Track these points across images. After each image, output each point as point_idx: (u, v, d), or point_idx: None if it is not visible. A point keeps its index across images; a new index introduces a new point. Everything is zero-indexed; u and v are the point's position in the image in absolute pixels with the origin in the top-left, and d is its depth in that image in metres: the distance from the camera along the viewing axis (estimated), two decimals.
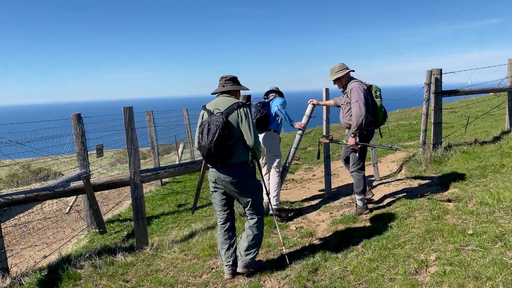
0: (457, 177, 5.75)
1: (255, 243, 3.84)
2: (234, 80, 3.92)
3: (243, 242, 3.86)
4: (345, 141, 5.14)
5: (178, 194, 8.16)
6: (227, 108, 3.64)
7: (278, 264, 4.03)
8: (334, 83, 5.22)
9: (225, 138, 3.49)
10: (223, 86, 3.86)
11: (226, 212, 3.92)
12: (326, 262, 3.92)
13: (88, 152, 6.43)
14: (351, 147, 5.02)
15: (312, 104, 5.78)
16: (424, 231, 4.11)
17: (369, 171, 7.27)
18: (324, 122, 6.24)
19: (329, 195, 6.24)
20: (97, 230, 5.27)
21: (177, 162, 10.66)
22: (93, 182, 4.64)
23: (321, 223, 5.18)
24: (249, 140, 3.63)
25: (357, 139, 4.95)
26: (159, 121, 10.63)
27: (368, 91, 4.98)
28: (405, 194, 5.62)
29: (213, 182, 3.78)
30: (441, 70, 6.82)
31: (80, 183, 4.57)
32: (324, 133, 6.31)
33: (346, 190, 6.62)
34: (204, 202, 7.22)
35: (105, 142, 7.18)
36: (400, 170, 7.02)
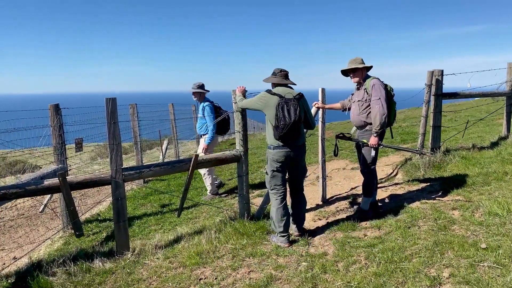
0: (459, 183, 5.48)
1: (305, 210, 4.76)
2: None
3: (299, 211, 4.60)
4: (365, 140, 4.81)
5: (162, 194, 7.72)
6: (296, 95, 4.29)
7: (274, 276, 3.66)
8: (351, 76, 4.87)
9: (301, 118, 4.19)
10: (286, 79, 4.48)
11: (284, 188, 4.50)
12: (326, 275, 3.56)
13: (67, 146, 5.94)
14: (372, 147, 4.71)
15: (317, 107, 5.42)
16: (432, 243, 3.80)
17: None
18: (320, 123, 5.89)
19: (324, 200, 5.89)
20: (74, 232, 4.81)
21: (160, 159, 10.20)
22: (70, 180, 4.18)
23: (318, 230, 4.83)
24: (313, 124, 4.61)
25: (380, 139, 4.71)
26: (143, 115, 10.16)
27: (385, 89, 4.69)
28: (405, 200, 5.31)
29: (280, 162, 4.32)
30: (442, 71, 6.55)
31: (55, 180, 4.11)
32: (320, 134, 5.97)
33: (341, 194, 6.29)
34: (190, 203, 6.80)
35: (86, 135, 6.69)
36: (396, 175, 6.72)
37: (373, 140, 4.71)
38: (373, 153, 4.79)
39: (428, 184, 5.83)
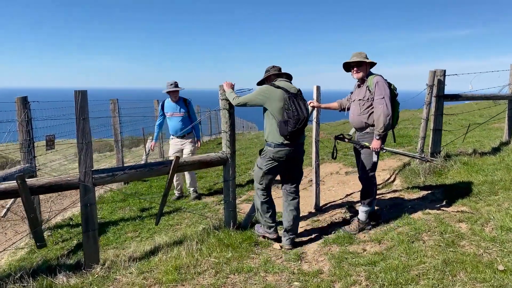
0: (463, 192, 5.07)
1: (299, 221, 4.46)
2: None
3: (292, 221, 4.27)
4: (366, 143, 4.35)
5: (142, 196, 7.19)
6: (298, 90, 4.11)
7: None
8: (354, 71, 4.41)
9: (309, 114, 4.09)
10: (285, 73, 4.30)
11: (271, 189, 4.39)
12: None
13: (36, 144, 5.39)
14: (374, 151, 4.26)
15: (312, 106, 4.95)
16: (441, 262, 3.36)
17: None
18: (315, 124, 5.43)
19: (318, 207, 5.43)
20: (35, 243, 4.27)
21: (143, 158, 9.65)
22: (31, 183, 3.65)
23: (311, 242, 4.36)
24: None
25: (382, 142, 4.28)
26: (126, 111, 9.59)
27: (389, 88, 4.25)
28: (406, 209, 4.87)
29: (278, 161, 4.11)
30: (444, 71, 6.15)
31: (12, 184, 3.58)
32: (314, 136, 5.51)
33: (335, 200, 5.84)
34: (170, 208, 6.29)
35: (60, 132, 6.13)
36: (394, 181, 6.29)
37: (375, 144, 4.26)
38: (374, 157, 4.35)
39: (430, 192, 5.40)
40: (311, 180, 7.06)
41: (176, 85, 6.55)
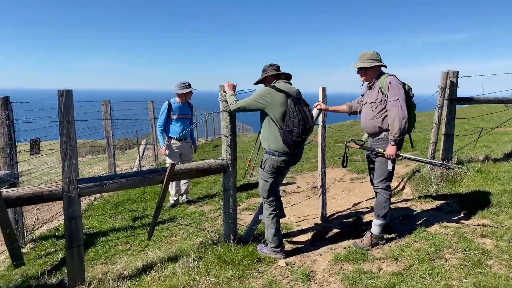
0: (481, 203, 4.71)
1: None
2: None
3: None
4: (380, 150, 3.96)
5: (135, 203, 6.76)
6: (299, 93, 3.79)
7: None
8: (358, 73, 4.09)
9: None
10: (283, 73, 3.97)
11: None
12: None
13: (19, 148, 4.96)
14: (389, 158, 3.88)
15: (319, 109, 4.57)
16: (471, 287, 2.97)
17: (364, 186, 6.17)
18: (321, 128, 5.04)
19: (324, 218, 5.03)
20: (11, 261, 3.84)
21: (137, 162, 9.22)
22: (6, 194, 3.23)
23: (319, 258, 3.97)
24: None
25: (398, 148, 3.90)
26: (120, 113, 9.18)
27: (404, 89, 3.87)
28: (421, 221, 4.50)
29: (280, 169, 3.86)
30: (457, 72, 5.79)
31: None
32: (320, 141, 5.12)
33: (342, 210, 5.45)
34: (166, 216, 5.88)
35: (46, 135, 5.70)
36: (403, 189, 5.91)
37: (390, 150, 3.87)
38: (390, 166, 3.96)
39: (444, 202, 5.03)
40: (315, 187, 6.69)
41: (190, 85, 6.19)
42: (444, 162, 4.49)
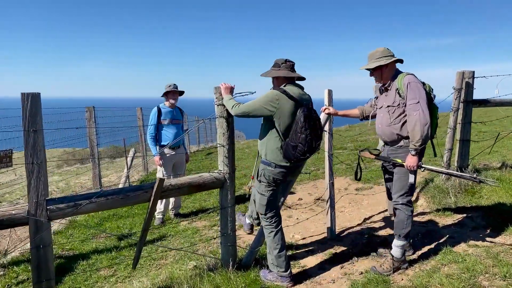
0: (509, 217, 4.20)
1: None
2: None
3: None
4: (399, 160, 3.44)
5: (121, 219, 6.16)
6: (311, 102, 3.44)
7: None
8: (372, 75, 3.58)
9: None
10: (293, 71, 3.43)
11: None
12: None
13: None
14: (410, 169, 3.35)
15: (327, 113, 4.05)
16: None
17: (372, 198, 5.64)
18: (327, 135, 4.53)
19: (333, 235, 4.49)
20: None
21: (125, 172, 8.62)
22: None
23: (332, 285, 3.42)
24: None
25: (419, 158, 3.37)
26: (107, 120, 8.60)
27: (424, 90, 3.35)
28: (444, 239, 3.98)
29: (278, 181, 3.42)
30: (473, 72, 5.30)
31: None
32: (327, 149, 4.60)
33: (352, 226, 4.91)
34: (156, 234, 5.29)
35: (18, 145, 5.09)
36: (417, 200, 5.39)
37: (411, 161, 3.34)
38: (411, 178, 3.44)
39: (466, 216, 4.51)
40: (318, 199, 6.15)
41: (176, 86, 5.68)
42: (475, 176, 3.95)
